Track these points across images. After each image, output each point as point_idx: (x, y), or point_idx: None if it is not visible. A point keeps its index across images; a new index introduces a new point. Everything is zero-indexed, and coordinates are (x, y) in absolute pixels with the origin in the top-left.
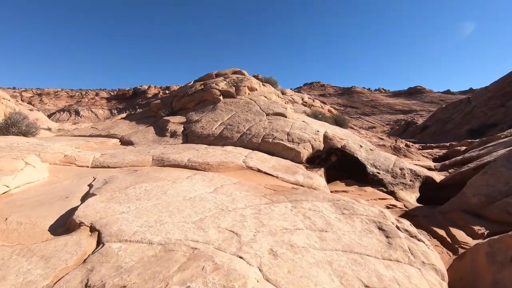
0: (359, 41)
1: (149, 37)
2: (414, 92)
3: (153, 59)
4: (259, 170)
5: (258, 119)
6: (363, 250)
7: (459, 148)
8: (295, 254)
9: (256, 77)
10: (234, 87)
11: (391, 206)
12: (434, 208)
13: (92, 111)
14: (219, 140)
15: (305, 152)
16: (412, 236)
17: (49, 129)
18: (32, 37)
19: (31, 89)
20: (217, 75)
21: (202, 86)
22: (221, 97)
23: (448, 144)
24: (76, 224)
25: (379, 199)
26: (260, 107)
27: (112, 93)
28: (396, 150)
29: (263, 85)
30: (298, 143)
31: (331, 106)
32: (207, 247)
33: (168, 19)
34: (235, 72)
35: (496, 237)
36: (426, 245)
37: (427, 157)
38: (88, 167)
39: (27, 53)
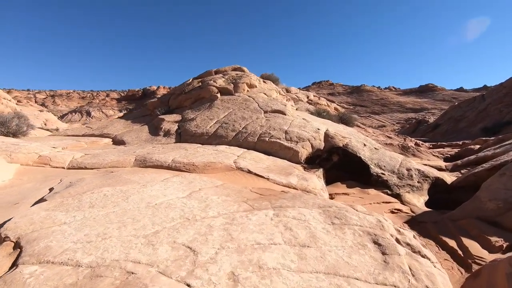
0: (369, 39)
1: (160, 37)
2: (425, 90)
3: (163, 60)
4: (249, 171)
5: (255, 116)
6: (351, 272)
7: (472, 146)
8: (262, 278)
9: (261, 76)
10: (232, 84)
11: (396, 211)
12: (444, 214)
13: (102, 112)
14: (213, 139)
15: (304, 151)
16: (415, 252)
17: (57, 130)
18: (45, 39)
19: (44, 90)
20: (217, 72)
21: (200, 84)
22: (218, 95)
23: (460, 142)
24: (0, 238)
25: (383, 202)
26: (258, 105)
27: (122, 94)
28: (404, 149)
29: (264, 82)
30: (297, 142)
31: (340, 105)
32: (149, 270)
33: (180, 19)
34: (235, 69)
35: None
36: (432, 262)
37: (437, 157)
38: (63, 168)
39: (40, 55)
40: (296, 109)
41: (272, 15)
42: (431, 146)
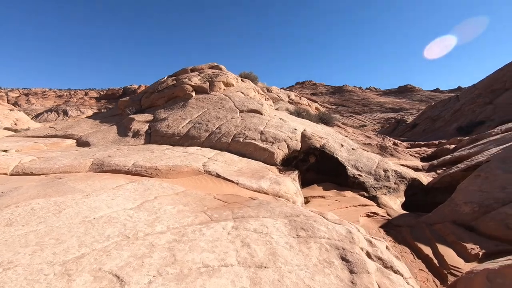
0: (351, 40)
1: (141, 35)
2: (404, 91)
3: (144, 58)
4: (218, 175)
5: (230, 116)
6: None
7: (448, 146)
8: None
9: (240, 75)
10: (208, 83)
11: (372, 214)
12: (420, 216)
13: (81, 111)
14: (185, 140)
15: (280, 152)
16: (386, 267)
17: (27, 129)
18: (18, 35)
19: (17, 89)
20: (193, 70)
21: (174, 82)
22: (193, 93)
23: (436, 142)
24: None
25: (359, 205)
26: (234, 104)
27: (102, 93)
28: (382, 149)
29: (242, 80)
30: (272, 143)
31: (322, 105)
32: None
33: (161, 16)
34: (212, 67)
35: (496, 266)
36: (405, 278)
37: (415, 156)
38: (6, 174)
39: (13, 51)
40: (277, 109)
41: (257, 14)
42: (408, 146)
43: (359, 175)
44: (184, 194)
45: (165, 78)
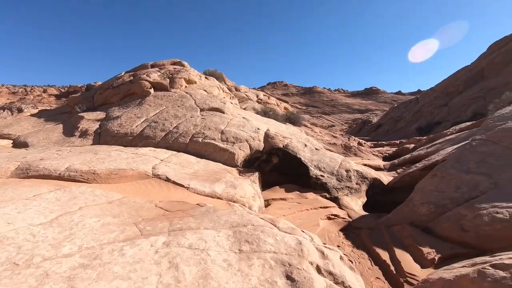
0: (321, 43)
1: (104, 31)
2: (370, 93)
3: (113, 54)
4: (167, 179)
5: (190, 115)
6: None
7: (408, 146)
8: None
9: (204, 72)
10: (168, 79)
11: (332, 217)
12: (381, 217)
13: (38, 109)
14: (139, 140)
15: (241, 153)
16: (337, 283)
17: None
18: None
19: None
20: (153, 66)
21: (132, 78)
22: (151, 90)
23: (398, 141)
24: None
25: (320, 207)
26: (195, 102)
27: (63, 90)
28: (347, 149)
29: (206, 78)
30: (233, 143)
31: (293, 105)
32: None
33: (126, 11)
34: (174, 63)
35: (451, 276)
36: None
37: (377, 156)
38: None
39: None
40: (245, 108)
41: (231, 14)
42: (372, 145)
43: (322, 175)
44: (119, 203)
45: (122, 74)
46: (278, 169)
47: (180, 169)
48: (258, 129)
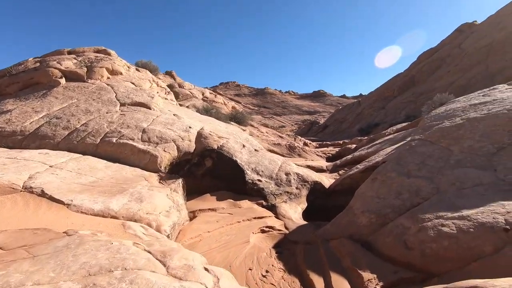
0: (274, 44)
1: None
2: (317, 95)
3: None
4: (42, 194)
5: (106, 110)
6: None
7: (350, 146)
8: None
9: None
10: (86, 68)
11: (267, 229)
12: (319, 228)
13: None
14: (32, 140)
15: (166, 156)
16: None
17: None
18: None
19: None
20: (71, 53)
21: (38, 64)
22: (62, 80)
23: (341, 142)
24: None
25: (255, 218)
26: (116, 95)
27: None
28: (291, 149)
29: (137, 70)
30: (157, 144)
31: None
32: None
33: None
34: (98, 51)
35: None
36: None
37: (321, 156)
38: None
39: None
40: (187, 106)
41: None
42: (317, 146)
43: (259, 180)
44: None
45: (27, 60)
46: (212, 174)
47: (74, 178)
48: (190, 127)
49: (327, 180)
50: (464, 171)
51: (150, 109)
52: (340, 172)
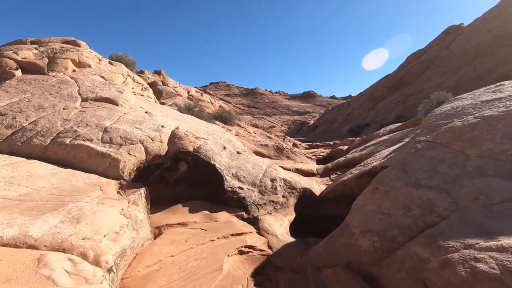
0: (264, 44)
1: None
2: (308, 96)
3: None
4: None
5: (63, 106)
6: None
7: (341, 147)
8: None
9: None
10: (48, 59)
11: (246, 249)
12: (308, 249)
13: None
14: None
15: (131, 159)
16: None
17: None
18: None
19: None
20: (34, 43)
21: None
22: (17, 72)
23: (332, 142)
24: None
25: (232, 235)
26: (79, 89)
27: None
28: (279, 151)
29: (110, 63)
30: (120, 145)
31: (236, 106)
32: None
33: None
34: (66, 42)
35: None
36: None
37: (311, 158)
38: None
39: None
40: (171, 104)
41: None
42: (307, 147)
43: (240, 187)
44: None
45: None
46: (187, 180)
47: (0, 189)
48: (163, 126)
49: (317, 186)
50: (487, 181)
51: (117, 105)
52: (332, 176)
